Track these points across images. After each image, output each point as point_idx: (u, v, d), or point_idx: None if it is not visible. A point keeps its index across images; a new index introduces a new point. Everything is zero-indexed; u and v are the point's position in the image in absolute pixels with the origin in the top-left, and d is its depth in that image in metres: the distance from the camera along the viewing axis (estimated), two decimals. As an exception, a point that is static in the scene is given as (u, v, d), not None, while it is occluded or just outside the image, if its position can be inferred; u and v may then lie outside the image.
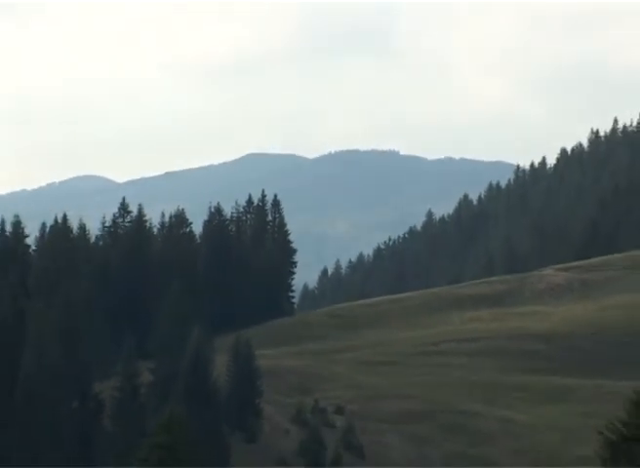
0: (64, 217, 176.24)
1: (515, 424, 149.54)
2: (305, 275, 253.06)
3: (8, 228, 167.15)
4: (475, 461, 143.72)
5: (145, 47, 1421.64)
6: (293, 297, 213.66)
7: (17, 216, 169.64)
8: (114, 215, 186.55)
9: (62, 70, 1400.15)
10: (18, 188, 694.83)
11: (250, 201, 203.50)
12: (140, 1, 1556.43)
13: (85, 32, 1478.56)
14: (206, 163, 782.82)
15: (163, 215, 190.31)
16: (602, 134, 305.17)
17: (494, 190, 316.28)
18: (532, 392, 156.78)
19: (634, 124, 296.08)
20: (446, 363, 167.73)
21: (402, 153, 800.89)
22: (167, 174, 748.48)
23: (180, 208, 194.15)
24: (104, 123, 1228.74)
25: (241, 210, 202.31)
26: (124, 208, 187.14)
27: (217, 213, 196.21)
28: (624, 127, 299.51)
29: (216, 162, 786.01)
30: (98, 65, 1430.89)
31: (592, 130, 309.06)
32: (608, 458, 48.53)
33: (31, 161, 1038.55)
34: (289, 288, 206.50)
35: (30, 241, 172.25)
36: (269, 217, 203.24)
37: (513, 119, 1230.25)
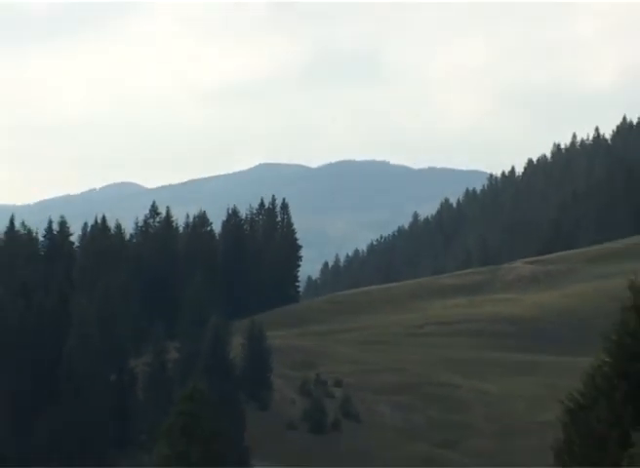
0: (103, 219, 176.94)
1: (488, 394, 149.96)
2: (309, 268, 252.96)
3: (55, 228, 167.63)
4: (454, 425, 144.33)
5: (173, 71, 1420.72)
6: (298, 287, 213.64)
7: (62, 218, 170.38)
8: (145, 217, 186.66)
9: (101, 92, 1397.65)
10: (62, 193, 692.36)
11: (262, 204, 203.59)
12: (170, 33, 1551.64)
13: (122, 60, 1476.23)
14: (223, 172, 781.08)
15: (187, 217, 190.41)
16: (563, 146, 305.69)
17: (470, 195, 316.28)
18: (503, 367, 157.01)
19: (590, 138, 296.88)
20: (429, 342, 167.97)
21: (392, 163, 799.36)
22: (190, 181, 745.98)
23: (202, 210, 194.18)
24: (137, 137, 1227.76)
25: (254, 212, 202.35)
26: (154, 210, 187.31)
27: (233, 214, 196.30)
28: (582, 140, 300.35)
29: (232, 171, 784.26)
30: (131, 89, 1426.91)
31: (555, 143, 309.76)
32: (567, 423, 49.01)
33: (75, 170, 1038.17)
34: (295, 278, 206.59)
35: (74, 239, 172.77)
36: (278, 218, 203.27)
37: (487, 133, 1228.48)
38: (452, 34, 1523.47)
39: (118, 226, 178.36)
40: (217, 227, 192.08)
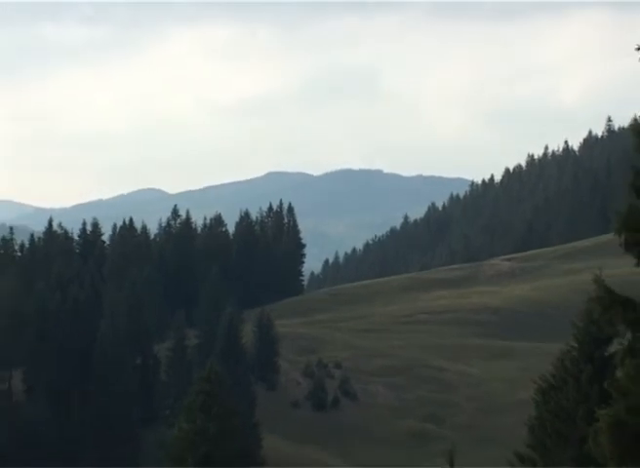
0: (130, 221, 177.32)
1: (470, 376, 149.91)
2: (312, 264, 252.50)
3: (88, 229, 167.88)
4: (440, 403, 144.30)
5: (193, 91, 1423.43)
6: (302, 281, 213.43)
7: (95, 220, 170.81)
8: (168, 219, 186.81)
9: (131, 109, 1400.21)
10: (95, 198, 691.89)
11: (270, 208, 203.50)
12: (192, 57, 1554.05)
13: (150, 81, 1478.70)
14: (237, 179, 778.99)
15: (205, 219, 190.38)
16: (536, 157, 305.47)
17: (454, 199, 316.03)
18: (484, 352, 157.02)
19: (560, 150, 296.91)
20: (419, 330, 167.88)
21: (385, 171, 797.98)
22: (207, 187, 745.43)
23: (218, 213, 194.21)
24: (161, 148, 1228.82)
25: (264, 215, 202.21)
26: (175, 213, 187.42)
27: (245, 217, 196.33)
28: (553, 152, 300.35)
29: (244, 178, 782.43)
30: (157, 106, 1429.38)
31: (529, 154, 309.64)
32: (540, 401, 48.90)
33: (106, 177, 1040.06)
34: (299, 273, 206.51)
35: (105, 238, 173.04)
36: (285, 220, 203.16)
37: (470, 145, 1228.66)
38: (440, 59, 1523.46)
39: (144, 227, 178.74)
40: (230, 228, 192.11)
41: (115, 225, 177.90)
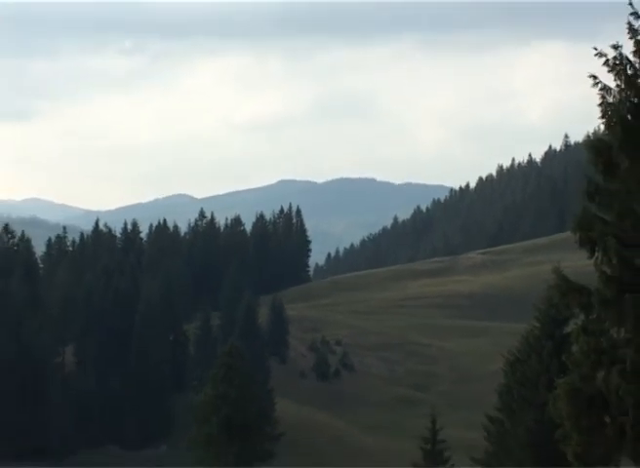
0: (164, 221, 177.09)
1: (450, 351, 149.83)
2: (316, 257, 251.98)
3: (129, 228, 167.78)
4: (425, 374, 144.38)
5: (216, 110, 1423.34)
6: (308, 271, 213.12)
7: (134, 220, 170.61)
8: (195, 220, 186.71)
9: (165, 126, 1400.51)
10: (135, 202, 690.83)
11: (281, 210, 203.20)
12: (214, 83, 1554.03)
13: (180, 101, 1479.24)
14: (253, 186, 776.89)
15: (227, 220, 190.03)
16: (505, 167, 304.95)
17: (437, 203, 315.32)
18: (460, 330, 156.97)
19: (525, 161, 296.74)
20: (407, 312, 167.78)
21: (378, 179, 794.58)
22: (229, 192, 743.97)
23: (238, 214, 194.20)
24: (190, 160, 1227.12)
25: (276, 216, 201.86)
26: (202, 215, 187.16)
27: (260, 218, 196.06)
28: (519, 163, 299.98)
29: (259, 185, 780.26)
30: (186, 123, 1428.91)
31: (499, 165, 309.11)
32: (508, 372, 48.77)
33: (144, 184, 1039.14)
34: (306, 265, 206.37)
35: (143, 236, 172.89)
36: (294, 221, 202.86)
37: (450, 158, 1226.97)
38: (424, 85, 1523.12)
39: (175, 226, 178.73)
40: (248, 227, 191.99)
41: (151, 225, 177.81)
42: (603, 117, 22.33)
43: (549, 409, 23.96)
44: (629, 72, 21.95)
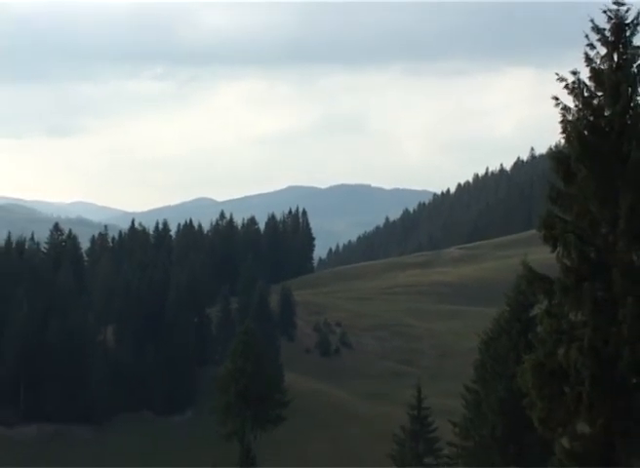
0: (190, 221, 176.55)
1: (433, 331, 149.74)
2: (319, 251, 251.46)
3: (160, 226, 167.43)
4: (411, 351, 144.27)
5: (234, 126, 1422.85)
6: (313, 263, 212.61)
7: (165, 220, 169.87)
8: (217, 220, 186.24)
9: (190, 139, 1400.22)
10: (165, 204, 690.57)
11: (290, 212, 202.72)
12: (233, 103, 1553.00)
13: (203, 118, 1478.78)
14: (265, 191, 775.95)
15: (243, 220, 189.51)
16: (480, 175, 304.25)
17: (422, 206, 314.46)
18: (442, 314, 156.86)
19: (497, 170, 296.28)
20: (396, 299, 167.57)
21: (372, 185, 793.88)
22: (245, 196, 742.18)
23: (252, 215, 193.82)
24: (212, 168, 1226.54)
25: (285, 216, 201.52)
26: (222, 216, 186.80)
27: (272, 218, 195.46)
28: (492, 172, 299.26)
29: (271, 190, 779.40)
30: (209, 137, 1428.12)
31: (475, 173, 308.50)
32: (482, 349, 48.66)
33: (172, 189, 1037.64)
34: (310, 258, 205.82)
35: (172, 233, 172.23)
36: (300, 221, 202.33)
37: (433, 167, 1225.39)
38: (410, 105, 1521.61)
39: (199, 225, 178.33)
40: (261, 226, 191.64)
41: (179, 224, 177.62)
42: (563, 132, 22.42)
43: (518, 380, 23.96)
44: (586, 94, 21.99)
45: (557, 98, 22.21)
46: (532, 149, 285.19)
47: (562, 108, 22.24)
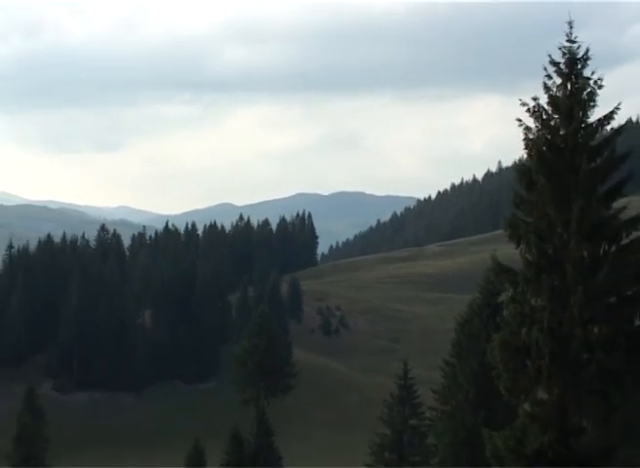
0: (214, 223, 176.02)
1: (418, 314, 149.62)
2: (322, 248, 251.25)
3: (189, 227, 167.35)
4: (399, 331, 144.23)
5: (250, 143, 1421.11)
6: (316, 258, 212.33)
7: (193, 222, 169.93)
8: (236, 221, 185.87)
9: (213, 154, 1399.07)
10: (193, 208, 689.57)
11: (297, 215, 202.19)
12: (248, 124, 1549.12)
13: (223, 137, 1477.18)
14: (277, 197, 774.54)
15: (258, 221, 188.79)
16: (456, 184, 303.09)
17: (408, 209, 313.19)
18: (425, 300, 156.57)
19: (471, 180, 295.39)
20: (386, 288, 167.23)
21: (366, 192, 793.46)
22: (260, 202, 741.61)
23: (266, 218, 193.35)
24: (232, 178, 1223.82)
25: (293, 218, 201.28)
26: (241, 218, 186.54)
27: (283, 220, 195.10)
28: (466, 182, 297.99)
29: (281, 196, 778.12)
30: (228, 152, 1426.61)
31: (452, 183, 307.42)
32: (458, 330, 48.62)
33: (199, 195, 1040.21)
34: (315, 254, 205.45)
35: (199, 233, 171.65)
36: (306, 222, 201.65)
37: (418, 177, 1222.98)
38: (400, 125, 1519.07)
39: (222, 226, 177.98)
40: (274, 227, 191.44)
41: (205, 225, 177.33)
42: (526, 148, 22.50)
43: (488, 355, 23.96)
44: (544, 117, 22.03)
45: (520, 120, 22.34)
46: (499, 162, 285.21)
47: (524, 128, 22.38)
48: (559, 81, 21.94)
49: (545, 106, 22.20)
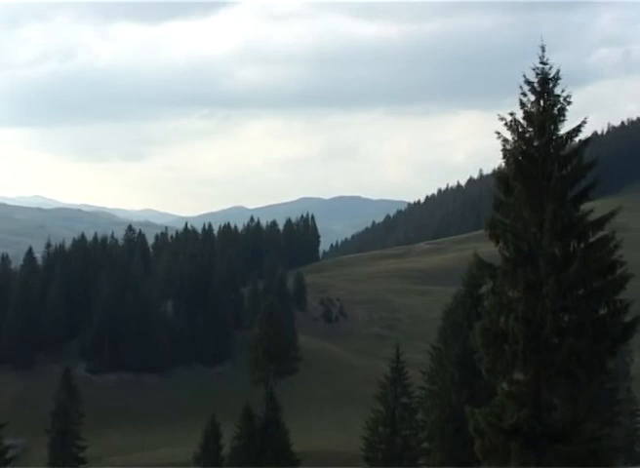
0: (228, 224, 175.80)
1: (408, 304, 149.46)
2: (323, 246, 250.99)
3: (206, 228, 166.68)
4: (392, 319, 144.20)
5: (260, 152, 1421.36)
6: (318, 255, 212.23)
7: (209, 223, 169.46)
8: (248, 223, 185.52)
9: (228, 163, 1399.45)
10: (209, 211, 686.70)
11: (302, 217, 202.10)
12: (259, 137, 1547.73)
13: (237, 149, 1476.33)
14: (283, 201, 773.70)
15: (267, 223, 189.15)
16: (442, 189, 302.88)
17: (400, 212, 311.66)
18: (415, 292, 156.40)
19: (455, 186, 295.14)
20: (380, 281, 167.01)
21: (362, 197, 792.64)
22: (268, 205, 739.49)
23: (273, 219, 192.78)
24: (244, 183, 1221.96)
25: (298, 220, 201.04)
26: (252, 220, 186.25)
27: (289, 222, 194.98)
28: (451, 187, 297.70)
29: (287, 200, 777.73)
30: (241, 161, 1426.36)
31: (438, 188, 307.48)
32: (444, 317, 48.59)
33: (215, 199, 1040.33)
34: (317, 251, 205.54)
35: (215, 233, 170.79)
36: (309, 223, 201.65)
37: (408, 183, 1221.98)
38: (391, 138, 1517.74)
39: (235, 227, 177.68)
40: (281, 227, 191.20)
41: (220, 226, 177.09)
42: (504, 158, 22.58)
43: (470, 341, 23.97)
44: (520, 130, 22.07)
45: (499, 133, 22.43)
46: (480, 170, 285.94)
47: (502, 140, 22.48)
48: (533, 98, 22.03)
49: (521, 120, 22.32)
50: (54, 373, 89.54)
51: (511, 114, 22.19)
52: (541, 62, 22.02)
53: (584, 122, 21.94)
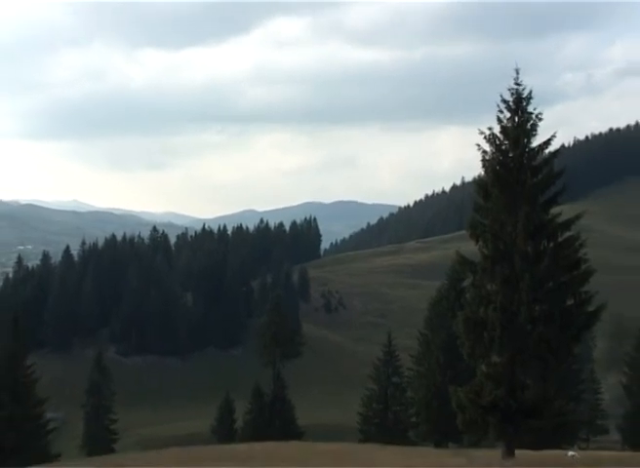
0: (240, 225, 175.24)
1: (401, 296, 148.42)
2: (324, 244, 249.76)
3: (221, 229, 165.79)
4: (385, 309, 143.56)
5: (268, 162, 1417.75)
6: (320, 253, 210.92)
7: (224, 224, 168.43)
8: (258, 224, 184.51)
9: (238, 171, 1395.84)
10: (223, 214, 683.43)
11: (305, 219, 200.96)
12: (267, 148, 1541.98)
13: (248, 160, 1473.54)
14: (288, 205, 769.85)
15: (275, 224, 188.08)
16: (429, 194, 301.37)
17: (392, 215, 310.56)
18: (406, 285, 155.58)
19: (440, 192, 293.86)
20: (376, 276, 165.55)
21: (358, 201, 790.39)
22: (276, 209, 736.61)
23: (280, 221, 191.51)
24: (254, 188, 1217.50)
25: (302, 222, 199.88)
26: (261, 222, 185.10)
27: (293, 224, 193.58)
28: (437, 193, 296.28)
29: (292, 204, 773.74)
30: (251, 170, 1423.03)
31: (426, 193, 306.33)
32: (431, 308, 48.46)
33: (228, 202, 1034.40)
34: (319, 249, 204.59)
35: (229, 233, 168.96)
36: (312, 225, 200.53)
37: (399, 189, 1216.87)
38: (386, 150, 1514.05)
39: (246, 228, 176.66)
40: (287, 228, 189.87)
41: (234, 227, 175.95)
42: (483, 167, 22.71)
43: (453, 328, 23.97)
44: (497, 143, 22.17)
45: (479, 145, 22.57)
46: (463, 178, 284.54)
47: (482, 152, 22.60)
48: (509, 115, 22.13)
49: (498, 134, 22.50)
50: (87, 356, 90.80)
51: (490, 129, 22.34)
52: (516, 84, 22.18)
53: (554, 136, 22.09)
